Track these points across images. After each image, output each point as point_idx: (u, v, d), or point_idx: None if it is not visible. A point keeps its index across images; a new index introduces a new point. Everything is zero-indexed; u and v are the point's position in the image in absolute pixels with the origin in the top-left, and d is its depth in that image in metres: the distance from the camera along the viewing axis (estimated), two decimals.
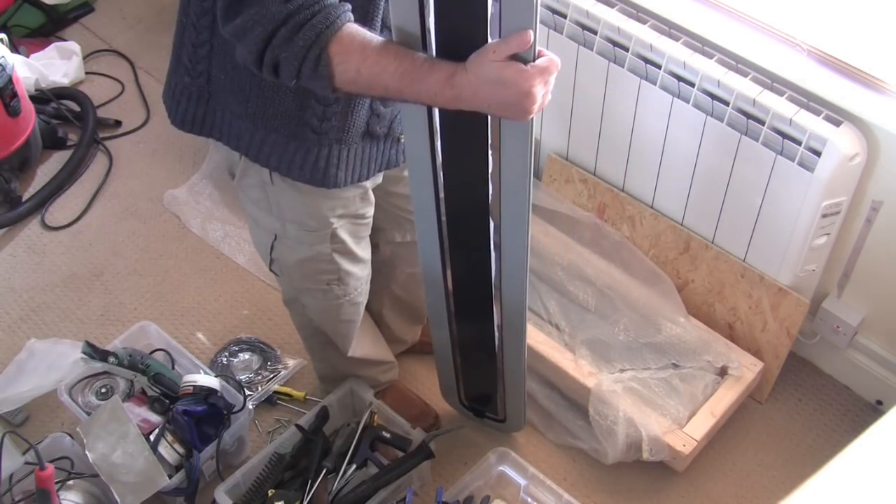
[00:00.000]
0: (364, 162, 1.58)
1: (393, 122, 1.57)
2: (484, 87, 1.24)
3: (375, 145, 1.58)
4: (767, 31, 1.93)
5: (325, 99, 1.44)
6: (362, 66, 1.25)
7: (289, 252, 1.72)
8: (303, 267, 1.73)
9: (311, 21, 1.23)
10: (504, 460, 1.98)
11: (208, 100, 1.54)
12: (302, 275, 1.76)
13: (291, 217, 1.65)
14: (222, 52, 1.47)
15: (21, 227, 2.66)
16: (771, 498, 2.06)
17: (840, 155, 1.81)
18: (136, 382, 2.07)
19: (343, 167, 1.54)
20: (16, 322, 2.43)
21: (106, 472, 1.89)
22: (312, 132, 1.49)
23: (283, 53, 1.25)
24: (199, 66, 1.51)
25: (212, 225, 2.62)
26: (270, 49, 1.25)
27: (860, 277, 2.06)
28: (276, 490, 1.87)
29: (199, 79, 1.53)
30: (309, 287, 1.79)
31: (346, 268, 1.75)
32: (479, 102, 1.26)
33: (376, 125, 1.54)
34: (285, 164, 1.53)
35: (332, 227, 1.65)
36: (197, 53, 1.50)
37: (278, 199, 1.62)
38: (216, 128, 1.57)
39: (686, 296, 2.25)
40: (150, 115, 2.93)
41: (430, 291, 1.82)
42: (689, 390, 2.10)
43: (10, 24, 3.12)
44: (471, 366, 2.00)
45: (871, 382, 2.18)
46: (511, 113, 1.28)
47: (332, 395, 2.06)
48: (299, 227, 1.66)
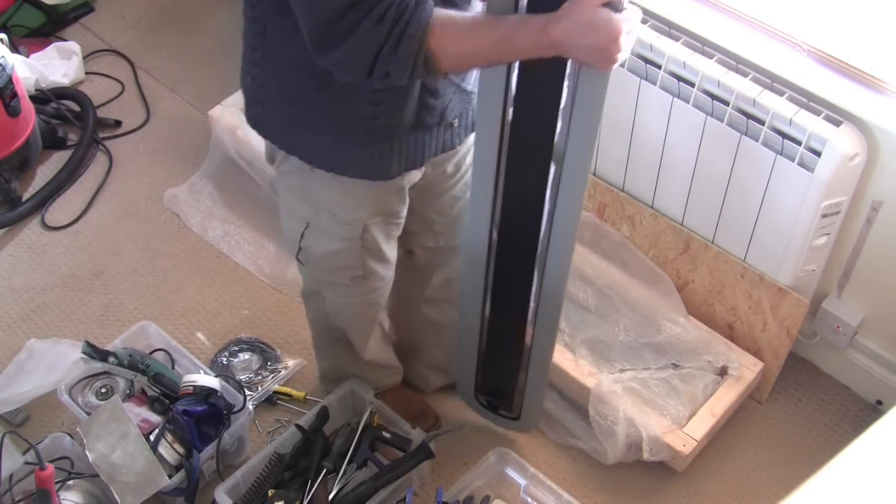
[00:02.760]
0: (418, 150, 1.59)
1: (445, 111, 1.57)
2: (576, 30, 1.27)
3: (428, 133, 1.58)
4: (767, 31, 1.93)
5: (373, 101, 1.47)
6: (463, 48, 1.32)
7: (318, 242, 1.72)
8: (330, 259, 1.73)
9: (406, 32, 1.28)
10: (504, 460, 1.99)
11: (263, 102, 1.58)
12: (327, 267, 1.76)
13: (326, 207, 1.65)
14: (273, 58, 1.50)
15: (21, 227, 2.66)
16: (771, 498, 2.06)
17: (840, 155, 1.81)
18: (136, 382, 2.07)
19: (396, 158, 1.56)
20: (16, 322, 2.43)
21: (106, 472, 1.89)
22: (363, 132, 1.51)
23: (391, 68, 1.31)
24: (255, 69, 1.55)
25: (211, 224, 2.62)
26: (377, 67, 1.31)
27: (860, 277, 2.06)
28: (276, 490, 1.87)
29: (255, 81, 1.56)
30: (332, 280, 1.80)
31: (371, 265, 1.75)
32: (570, 46, 1.29)
33: (427, 116, 1.55)
34: (339, 164, 1.56)
35: (365, 222, 1.66)
36: (252, 56, 1.54)
37: (316, 187, 1.63)
38: (270, 131, 1.61)
39: (686, 296, 2.25)
40: (150, 115, 2.93)
41: (468, 270, 1.80)
42: (689, 390, 2.10)
43: (10, 24, 3.12)
44: (494, 356, 1.97)
45: (871, 382, 2.18)
46: (597, 58, 1.31)
47: (332, 395, 2.06)
48: (333, 218, 1.66)
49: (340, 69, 1.35)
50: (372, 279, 1.78)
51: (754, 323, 2.15)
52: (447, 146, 1.65)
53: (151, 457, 1.91)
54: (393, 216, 1.71)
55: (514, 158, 1.58)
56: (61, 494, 1.89)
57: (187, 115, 2.92)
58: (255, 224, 2.62)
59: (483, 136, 1.59)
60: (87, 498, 1.94)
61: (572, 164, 1.52)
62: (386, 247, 1.75)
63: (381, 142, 1.53)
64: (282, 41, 1.46)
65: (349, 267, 1.74)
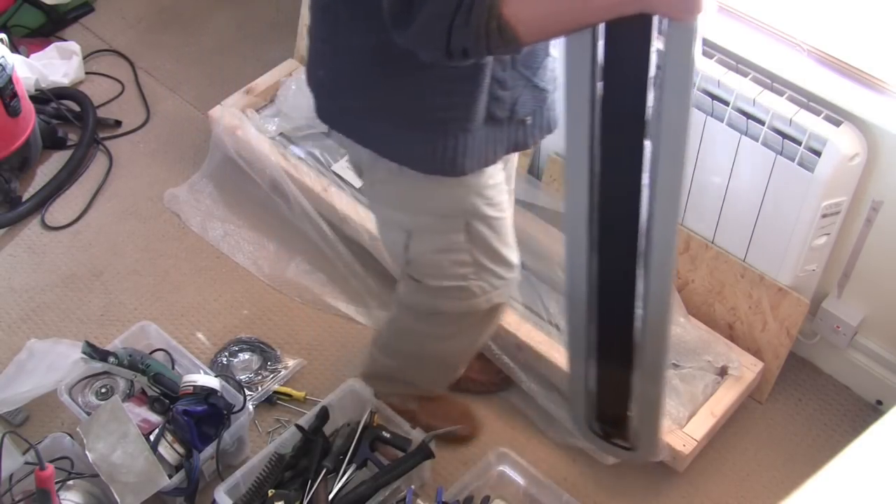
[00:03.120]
0: (490, 146, 1.56)
1: (515, 105, 1.55)
2: None
3: (499, 129, 1.56)
4: (767, 31, 1.93)
5: (447, 89, 1.45)
6: (537, 10, 1.27)
7: (424, 246, 1.69)
8: (439, 259, 1.70)
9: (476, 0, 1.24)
10: (504, 460, 1.99)
11: (337, 95, 1.57)
12: (439, 269, 1.72)
13: (424, 207, 1.64)
14: (347, 47, 1.48)
15: (21, 227, 2.66)
16: (771, 498, 2.06)
17: (840, 155, 1.81)
18: (136, 382, 2.07)
19: (469, 154, 1.54)
20: (16, 322, 2.43)
21: (106, 472, 1.89)
22: (436, 123, 1.49)
23: (466, 41, 1.26)
24: (328, 61, 1.54)
25: (212, 224, 2.63)
26: (453, 41, 1.27)
27: (860, 277, 2.06)
28: (276, 490, 1.87)
29: (329, 74, 1.55)
30: (446, 286, 1.73)
31: (483, 261, 1.70)
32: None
33: (496, 109, 1.52)
34: (411, 157, 1.54)
35: (466, 214, 1.63)
36: (324, 48, 1.53)
37: (408, 190, 1.62)
38: (343, 124, 1.60)
39: (686, 296, 2.25)
40: (150, 115, 2.93)
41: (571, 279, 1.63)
42: (689, 390, 2.10)
43: (10, 24, 3.12)
44: (603, 376, 1.77)
45: (871, 382, 2.18)
46: (681, 7, 1.27)
47: (332, 395, 2.06)
48: (433, 216, 1.64)
49: (418, 44, 1.31)
50: (486, 276, 1.73)
51: (754, 323, 2.15)
52: (520, 144, 1.62)
53: (151, 457, 1.91)
54: (492, 206, 1.65)
55: (608, 139, 1.45)
56: (61, 494, 1.89)
57: (187, 115, 2.93)
58: (255, 224, 2.62)
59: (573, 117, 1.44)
60: (87, 498, 1.94)
61: (669, 139, 1.40)
62: (498, 244, 1.70)
63: (455, 135, 1.51)
64: (355, 28, 1.44)
65: (460, 263, 1.69)
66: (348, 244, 2.46)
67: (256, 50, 3.06)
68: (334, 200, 2.43)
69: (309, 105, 1.67)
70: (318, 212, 2.48)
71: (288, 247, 2.56)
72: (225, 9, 3.27)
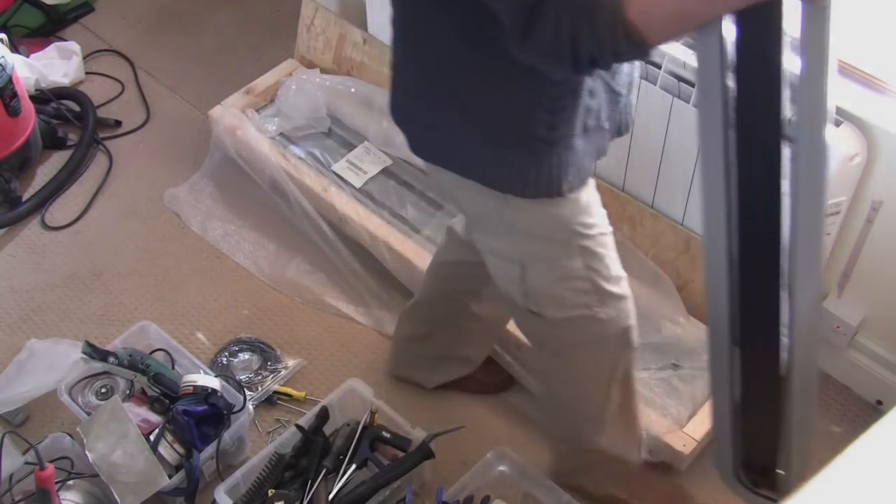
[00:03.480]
0: (587, 158, 1.49)
1: (600, 112, 1.47)
2: None
3: (590, 139, 1.48)
4: None
5: (551, 105, 1.38)
6: (663, 11, 1.18)
7: (541, 276, 1.59)
8: (559, 287, 1.60)
9: (598, 3, 1.17)
10: (504, 460, 1.98)
11: (434, 123, 1.49)
12: (560, 299, 1.61)
13: (535, 233, 1.55)
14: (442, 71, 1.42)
15: (21, 227, 2.66)
16: None
17: (840, 155, 1.81)
18: (136, 382, 2.07)
19: (573, 170, 1.47)
20: (16, 322, 2.43)
21: (106, 472, 1.89)
22: (541, 142, 1.41)
23: (593, 48, 1.19)
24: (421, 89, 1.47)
25: (212, 224, 2.63)
26: (580, 50, 1.19)
27: (860, 277, 2.06)
28: (276, 490, 1.87)
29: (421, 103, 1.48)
30: (570, 316, 1.63)
31: (602, 285, 1.61)
32: None
33: (587, 119, 1.45)
34: (518, 181, 1.46)
35: (575, 236, 1.55)
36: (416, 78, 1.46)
37: (514, 218, 1.53)
38: (442, 156, 1.52)
39: (686, 296, 2.25)
40: (150, 115, 2.93)
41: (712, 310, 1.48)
42: (689, 390, 2.10)
43: (10, 24, 3.12)
44: (749, 418, 1.58)
45: (871, 382, 2.18)
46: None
47: (332, 395, 2.06)
48: (545, 242, 1.56)
49: (542, 55, 1.23)
50: (608, 300, 1.63)
51: None
52: (601, 152, 1.55)
53: (151, 457, 1.91)
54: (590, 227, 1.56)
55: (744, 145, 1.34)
56: (61, 494, 1.89)
57: (187, 115, 2.93)
58: (255, 224, 2.62)
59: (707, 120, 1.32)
60: (87, 498, 1.94)
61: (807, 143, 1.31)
62: (609, 261, 1.61)
63: (558, 154, 1.43)
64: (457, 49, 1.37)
65: (581, 291, 1.60)
66: (348, 244, 2.46)
67: (256, 50, 3.07)
68: (334, 200, 2.43)
69: (309, 105, 1.65)
70: (318, 212, 2.48)
71: (288, 247, 2.56)
72: (225, 9, 3.28)
